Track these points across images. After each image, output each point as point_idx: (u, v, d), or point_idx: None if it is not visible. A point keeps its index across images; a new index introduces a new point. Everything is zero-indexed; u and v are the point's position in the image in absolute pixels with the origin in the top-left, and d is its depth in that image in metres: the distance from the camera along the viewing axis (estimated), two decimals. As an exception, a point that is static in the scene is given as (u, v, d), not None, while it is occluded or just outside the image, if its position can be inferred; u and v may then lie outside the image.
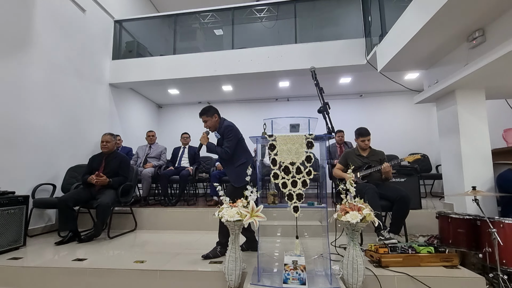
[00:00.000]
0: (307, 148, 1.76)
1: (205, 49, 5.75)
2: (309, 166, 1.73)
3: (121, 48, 5.22)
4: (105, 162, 3.18)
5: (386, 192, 2.67)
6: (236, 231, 1.90)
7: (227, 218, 1.81)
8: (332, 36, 4.73)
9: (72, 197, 2.82)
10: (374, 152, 2.96)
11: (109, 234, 3.05)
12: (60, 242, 2.78)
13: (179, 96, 6.23)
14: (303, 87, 5.87)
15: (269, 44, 4.81)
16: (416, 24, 2.63)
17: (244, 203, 1.92)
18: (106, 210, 2.88)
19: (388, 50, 3.40)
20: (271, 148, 1.76)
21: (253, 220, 1.81)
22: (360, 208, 1.83)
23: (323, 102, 2.00)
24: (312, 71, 2.16)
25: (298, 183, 1.72)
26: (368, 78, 5.20)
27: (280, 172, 1.74)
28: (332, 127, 1.93)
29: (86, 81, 4.39)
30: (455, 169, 3.19)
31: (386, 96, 6.11)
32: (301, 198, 1.71)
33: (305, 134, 1.80)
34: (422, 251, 2.11)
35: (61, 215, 2.80)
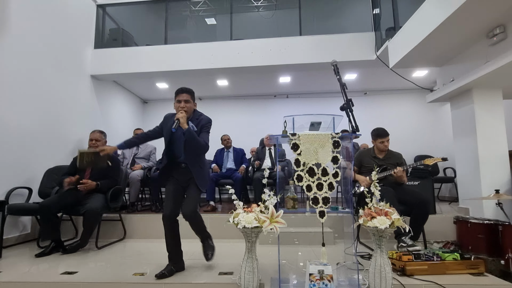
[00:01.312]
0: (334, 148, 1.77)
1: (196, 40, 5.70)
2: (336, 168, 1.74)
3: (104, 36, 5.08)
4: (93, 163, 3.07)
5: (404, 195, 2.73)
6: (253, 238, 1.88)
7: (245, 224, 1.79)
8: (339, 29, 4.81)
9: (55, 203, 2.71)
10: (391, 154, 3.02)
11: (97, 244, 2.95)
12: (41, 253, 2.67)
13: (168, 90, 6.13)
14: (305, 83, 5.93)
15: (267, 36, 4.82)
16: (435, 18, 2.71)
17: (261, 207, 1.91)
18: (95, 217, 2.79)
19: (402, 45, 3.48)
20: (294, 147, 1.76)
21: (273, 226, 1.80)
22: (388, 212, 1.86)
23: (346, 99, 2.02)
24: (334, 65, 2.18)
25: (324, 185, 1.73)
26: (375, 74, 5.31)
27: (305, 174, 1.74)
28: (356, 125, 1.96)
29: (65, 71, 4.24)
30: (471, 172, 3.30)
31: (392, 94, 6.26)
32: (328, 202, 1.72)
33: (331, 132, 1.81)
34: (448, 258, 2.17)
35: (43, 223, 2.69)
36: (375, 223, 1.81)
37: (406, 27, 3.38)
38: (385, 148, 3.01)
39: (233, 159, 4.68)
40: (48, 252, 2.69)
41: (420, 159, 5.25)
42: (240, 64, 4.62)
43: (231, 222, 1.86)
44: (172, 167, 2.30)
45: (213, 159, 4.79)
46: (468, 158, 3.36)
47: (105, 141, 3.23)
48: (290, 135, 1.79)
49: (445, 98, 3.63)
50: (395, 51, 3.68)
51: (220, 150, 4.81)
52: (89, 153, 2.71)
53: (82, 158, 2.68)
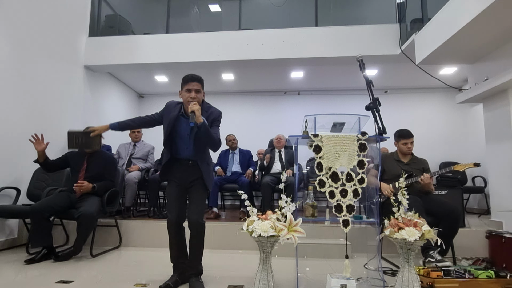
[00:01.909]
0: (360, 151, 1.80)
1: (198, 29, 5.77)
2: (362, 173, 1.77)
3: (99, 23, 5.16)
4: (88, 162, 3.13)
5: (431, 206, 2.75)
6: (268, 248, 1.91)
7: (260, 232, 1.83)
8: (359, 20, 4.84)
9: (48, 205, 2.76)
10: (416, 159, 3.05)
11: (91, 252, 3.00)
12: (31, 260, 2.72)
13: (167, 84, 6.20)
14: (319, 79, 5.98)
15: (278, 27, 4.87)
16: (471, 10, 2.74)
17: (278, 214, 1.94)
18: (91, 222, 2.84)
19: (431, 39, 3.51)
20: (317, 150, 1.79)
21: (292, 235, 1.83)
22: (417, 223, 1.89)
23: (373, 98, 2.05)
24: (360, 60, 2.21)
25: (349, 192, 1.76)
26: (397, 71, 5.34)
27: (327, 179, 1.77)
28: (383, 127, 1.99)
29: (57, 61, 4.31)
30: (506, 181, 3.32)
31: (415, 93, 6.28)
32: (352, 211, 1.75)
33: (357, 134, 1.84)
34: (481, 276, 2.19)
35: (34, 228, 2.73)
36: (403, 235, 1.84)
37: (437, 19, 3.40)
38: (408, 150, 3.03)
39: (239, 161, 4.71)
40: (39, 259, 2.74)
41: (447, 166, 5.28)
42: (249, 56, 4.66)
43: (244, 230, 1.90)
44: (175, 164, 2.26)
45: (217, 161, 4.83)
46: (502, 165, 3.38)
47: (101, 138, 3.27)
48: (312, 136, 1.83)
49: (478, 98, 3.65)
50: (422, 45, 3.71)
51: (225, 152, 4.84)
52: (79, 133, 2.76)
53: (72, 139, 2.72)
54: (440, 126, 6.17)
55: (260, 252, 1.95)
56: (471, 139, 5.82)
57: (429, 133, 6.08)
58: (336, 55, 4.56)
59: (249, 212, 2.01)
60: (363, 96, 6.33)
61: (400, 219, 1.96)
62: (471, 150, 5.71)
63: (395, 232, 1.89)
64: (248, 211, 1.98)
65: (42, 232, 2.75)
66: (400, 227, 1.90)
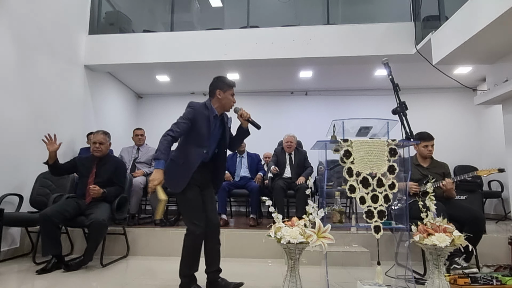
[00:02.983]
0: (390, 156, 1.90)
1: (200, 25, 5.87)
2: (393, 178, 1.87)
3: (99, 20, 5.24)
4: (97, 167, 3.20)
5: (454, 211, 2.86)
6: (296, 255, 2.01)
7: (289, 239, 1.92)
8: (372, 17, 4.96)
9: (58, 212, 2.83)
10: (437, 163, 3.16)
11: (102, 261, 3.06)
12: (43, 270, 2.77)
13: (169, 84, 6.28)
14: (328, 79, 6.09)
15: (287, 24, 4.97)
16: (494, 10, 2.85)
17: (305, 220, 2.03)
18: (102, 229, 2.91)
19: (449, 39, 3.62)
20: (347, 155, 1.89)
21: (321, 242, 1.92)
22: (446, 229, 1.99)
23: (399, 101, 2.15)
24: (386, 63, 2.31)
25: (380, 197, 1.86)
26: (410, 71, 5.46)
27: (358, 185, 1.87)
28: (411, 131, 2.09)
29: (59, 61, 4.39)
30: (527, 186, 3.44)
31: (428, 93, 6.41)
32: (383, 216, 1.85)
33: (387, 139, 1.94)
34: (508, 282, 2.30)
35: (44, 236, 2.80)
36: (434, 241, 1.94)
37: (456, 17, 3.51)
38: (429, 154, 3.13)
39: (248, 166, 4.80)
40: (50, 269, 2.80)
41: (462, 170, 5.43)
42: (258, 56, 4.76)
43: (272, 236, 1.98)
44: (201, 167, 2.32)
45: (223, 165, 4.90)
46: (523, 169, 3.50)
47: (109, 144, 3.35)
48: (342, 141, 1.92)
49: (497, 100, 3.78)
50: (440, 45, 3.82)
51: (232, 155, 4.92)
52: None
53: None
54: (453, 128, 6.29)
55: (287, 260, 2.04)
56: (486, 142, 5.96)
57: (442, 135, 6.15)
58: (348, 54, 4.68)
59: (274, 218, 2.10)
60: (373, 97, 6.48)
61: (428, 225, 2.06)
62: (487, 153, 5.85)
63: (424, 238, 1.99)
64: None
65: (52, 239, 2.81)
66: (429, 233, 2.00)
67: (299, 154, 4.66)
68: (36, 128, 3.90)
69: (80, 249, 3.59)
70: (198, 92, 6.75)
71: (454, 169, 5.95)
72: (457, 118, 6.33)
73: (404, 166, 2.11)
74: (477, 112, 6.20)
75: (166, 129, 7.18)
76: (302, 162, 4.59)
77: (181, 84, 6.35)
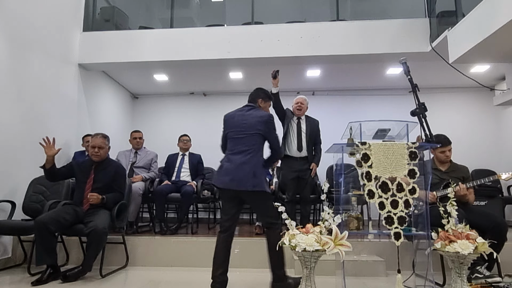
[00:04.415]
0: (410, 159, 1.96)
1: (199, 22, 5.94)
2: (413, 183, 1.92)
3: (94, 16, 5.30)
4: (95, 172, 3.25)
5: (475, 218, 2.89)
6: (312, 264, 2.05)
7: (305, 246, 1.97)
8: (384, 13, 5.03)
9: (54, 219, 2.87)
10: (456, 167, 3.21)
11: (101, 272, 3.10)
12: (38, 281, 2.81)
13: (167, 84, 6.34)
14: (336, 78, 6.15)
15: (290, 20, 5.03)
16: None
17: (321, 227, 2.08)
18: (102, 238, 2.95)
19: (467, 37, 3.69)
20: (365, 158, 1.94)
21: (338, 250, 1.97)
22: (469, 235, 2.05)
23: (419, 103, 2.21)
24: (404, 63, 2.37)
25: (400, 203, 1.91)
26: (424, 69, 5.52)
27: (377, 189, 1.92)
28: (431, 134, 2.15)
29: (51, 59, 4.44)
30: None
31: (443, 93, 6.47)
32: (404, 223, 1.90)
33: (407, 142, 2.00)
34: (534, 292, 2.34)
35: (39, 244, 2.83)
36: (456, 248, 1.99)
37: (474, 14, 3.57)
38: (446, 159, 3.18)
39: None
40: (46, 280, 2.83)
41: (480, 174, 5.48)
42: (263, 54, 4.82)
43: (287, 244, 2.03)
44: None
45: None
46: (546, 173, 3.55)
47: (108, 148, 3.40)
48: (360, 144, 1.98)
49: (518, 100, 3.85)
50: (457, 43, 3.89)
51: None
52: None
53: None
54: (470, 130, 6.32)
55: (302, 269, 2.09)
56: (506, 144, 6.00)
57: (459, 137, 6.19)
58: (358, 52, 4.74)
59: (288, 225, 2.16)
60: (385, 97, 6.53)
61: (450, 231, 2.11)
62: (506, 156, 5.89)
63: (446, 245, 2.04)
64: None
65: (48, 248, 2.84)
66: (451, 240, 2.05)
67: (312, 122, 4.21)
68: (28, 130, 3.95)
69: (76, 259, 3.64)
70: (198, 92, 6.81)
71: (472, 173, 5.99)
72: (474, 119, 6.38)
73: (423, 170, 2.16)
74: (495, 113, 6.25)
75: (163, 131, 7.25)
76: (314, 133, 4.15)
77: (180, 83, 6.41)
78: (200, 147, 5.16)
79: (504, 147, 6.02)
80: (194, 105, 6.87)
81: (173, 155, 4.75)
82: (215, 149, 2.92)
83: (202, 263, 3.59)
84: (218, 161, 2.78)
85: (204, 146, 5.58)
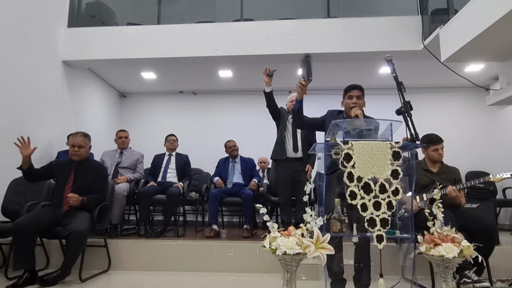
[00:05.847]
0: (393, 159, 1.94)
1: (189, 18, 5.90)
2: (396, 183, 1.90)
3: (80, 12, 5.26)
4: (75, 173, 3.20)
5: (465, 221, 2.89)
6: (293, 268, 2.03)
7: (285, 249, 1.94)
8: (376, 10, 5.03)
9: (33, 222, 2.82)
10: (447, 168, 3.21)
11: (80, 276, 3.06)
12: (14, 285, 2.76)
13: (155, 82, 6.30)
14: (328, 76, 6.13)
15: (281, 17, 5.01)
16: (506, 3, 2.91)
17: (303, 230, 2.06)
18: (81, 241, 2.91)
19: (458, 34, 3.69)
20: (347, 158, 1.92)
21: (319, 253, 1.95)
22: (455, 238, 2.03)
23: (404, 101, 2.19)
24: (389, 60, 2.36)
25: (383, 204, 1.89)
26: (416, 68, 5.52)
27: (359, 191, 1.90)
28: (416, 133, 2.13)
29: (34, 55, 4.39)
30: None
31: (436, 93, 6.48)
32: (386, 225, 1.88)
33: (390, 141, 1.98)
34: (522, 297, 2.33)
35: (17, 247, 2.79)
36: (441, 251, 1.97)
37: (466, 11, 3.57)
38: (439, 157, 3.18)
39: (241, 171, 4.81)
40: (21, 284, 2.79)
41: (474, 176, 5.48)
42: (252, 51, 4.80)
43: (267, 247, 2.01)
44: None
45: (215, 170, 4.92)
46: (539, 175, 3.55)
47: (89, 147, 3.36)
48: (342, 144, 1.96)
49: (510, 100, 3.85)
50: (449, 40, 3.89)
51: (224, 160, 4.95)
52: None
53: None
54: (464, 130, 6.31)
55: (283, 273, 2.06)
56: (500, 145, 6.01)
57: (452, 138, 6.21)
58: (350, 50, 4.73)
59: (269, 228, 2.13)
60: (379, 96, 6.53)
61: (435, 234, 2.10)
62: (502, 157, 5.90)
63: (431, 249, 2.02)
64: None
65: (25, 252, 2.80)
66: (436, 243, 2.03)
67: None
68: (8, 129, 3.90)
69: (57, 263, 3.56)
70: (187, 91, 6.77)
71: (466, 175, 6.00)
72: (468, 120, 6.38)
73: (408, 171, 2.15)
74: (490, 113, 6.26)
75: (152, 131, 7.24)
76: (310, 133, 4.09)
77: (169, 82, 6.37)
78: (190, 147, 5.13)
79: (499, 148, 6.02)
80: (183, 104, 6.83)
81: (159, 156, 4.71)
82: (204, 150, 2.91)
83: (186, 267, 3.57)
84: (206, 161, 2.74)
85: (193, 146, 5.57)
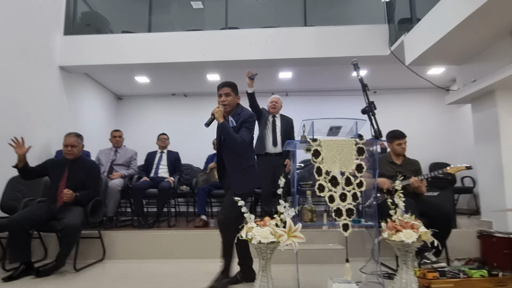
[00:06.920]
0: (358, 155, 1.91)
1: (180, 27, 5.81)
2: (360, 177, 1.88)
3: (75, 20, 5.11)
4: (69, 170, 3.11)
5: (424, 208, 2.91)
6: (268, 255, 1.99)
7: (260, 239, 1.90)
8: (348, 20, 5.02)
9: (28, 217, 2.73)
10: (409, 160, 3.22)
11: (75, 266, 2.98)
12: (10, 277, 2.67)
13: (149, 85, 6.19)
14: (307, 79, 6.13)
15: (266, 26, 4.97)
16: (461, 12, 2.93)
17: (276, 220, 2.02)
18: (75, 234, 2.83)
19: (420, 41, 3.70)
20: (316, 154, 1.89)
21: (292, 241, 1.92)
22: (414, 225, 2.02)
23: (368, 101, 2.18)
24: (355, 64, 2.33)
25: (348, 196, 1.87)
26: (386, 71, 5.55)
27: (327, 184, 1.87)
28: (379, 130, 2.11)
29: (32, 61, 4.26)
30: (494, 182, 3.54)
31: (403, 94, 6.53)
32: (352, 214, 1.86)
33: (355, 138, 1.96)
34: (475, 275, 2.35)
35: (12, 242, 2.70)
36: (401, 237, 1.96)
37: (426, 20, 3.59)
38: (402, 151, 3.20)
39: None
40: (17, 276, 2.69)
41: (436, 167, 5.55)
42: (236, 57, 4.75)
43: (244, 237, 1.97)
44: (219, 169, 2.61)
45: (204, 165, 4.88)
46: (491, 166, 3.60)
47: (82, 146, 3.26)
48: (311, 141, 1.92)
49: (466, 99, 3.88)
50: (412, 46, 3.90)
51: (212, 156, 4.89)
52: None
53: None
54: (429, 127, 6.42)
55: (259, 260, 2.02)
56: (460, 139, 6.10)
57: (418, 133, 6.32)
58: (325, 55, 4.72)
59: (247, 218, 2.09)
60: (353, 97, 6.53)
61: (397, 222, 2.09)
62: (460, 150, 5.99)
63: (392, 235, 2.01)
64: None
65: (21, 246, 2.72)
66: (397, 230, 2.02)
67: (286, 120, 4.18)
68: (7, 130, 3.75)
69: (54, 254, 3.42)
70: (179, 94, 6.68)
71: (430, 166, 6.08)
72: (431, 117, 6.47)
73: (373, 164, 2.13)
74: (450, 110, 6.34)
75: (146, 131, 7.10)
76: (288, 130, 4.12)
77: (161, 85, 6.26)
78: (181, 145, 5.06)
79: (458, 142, 6.11)
80: (175, 106, 6.74)
81: (152, 153, 4.63)
82: (194, 147, 2.83)
83: (177, 254, 3.51)
84: (196, 158, 2.71)
85: (185, 144, 5.50)
